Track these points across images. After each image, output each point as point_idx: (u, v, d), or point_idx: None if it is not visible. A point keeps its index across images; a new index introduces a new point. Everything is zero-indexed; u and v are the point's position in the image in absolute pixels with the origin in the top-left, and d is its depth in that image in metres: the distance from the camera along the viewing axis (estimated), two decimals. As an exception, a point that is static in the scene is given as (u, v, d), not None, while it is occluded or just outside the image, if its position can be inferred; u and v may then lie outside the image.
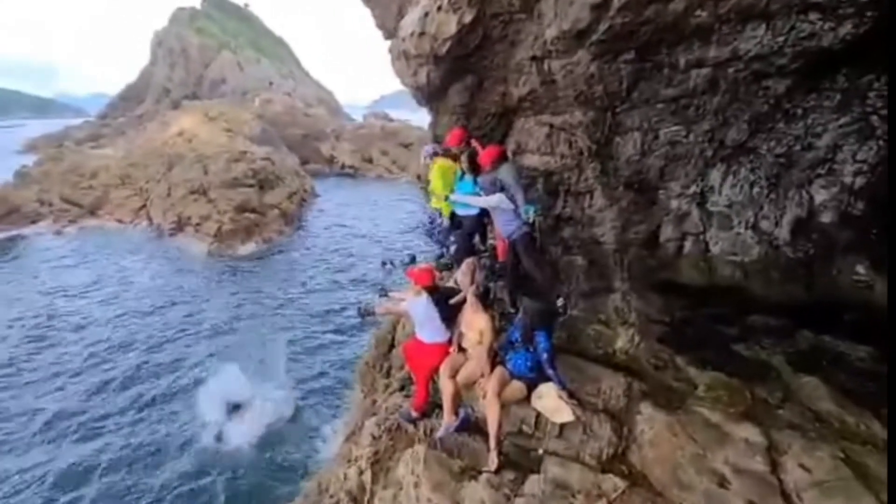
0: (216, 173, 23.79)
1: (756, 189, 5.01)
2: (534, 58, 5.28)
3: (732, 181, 5.14)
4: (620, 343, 5.20)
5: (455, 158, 6.12)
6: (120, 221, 23.46)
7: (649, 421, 3.97)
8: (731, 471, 3.50)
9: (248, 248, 21.18)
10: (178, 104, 42.28)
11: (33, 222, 22.89)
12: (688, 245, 5.57)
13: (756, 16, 3.91)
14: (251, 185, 23.92)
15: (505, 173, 5.43)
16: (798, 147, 4.66)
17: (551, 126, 5.98)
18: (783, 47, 4.04)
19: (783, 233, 4.93)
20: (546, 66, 5.23)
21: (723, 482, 3.48)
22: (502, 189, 5.33)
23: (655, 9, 4.03)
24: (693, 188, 5.38)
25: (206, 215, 22.00)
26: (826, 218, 4.63)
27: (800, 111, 4.51)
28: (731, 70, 4.46)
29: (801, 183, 4.79)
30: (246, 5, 73.79)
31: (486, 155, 5.54)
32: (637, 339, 5.17)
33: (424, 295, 4.62)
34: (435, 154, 6.36)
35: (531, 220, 5.39)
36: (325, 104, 59.76)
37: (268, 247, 21.58)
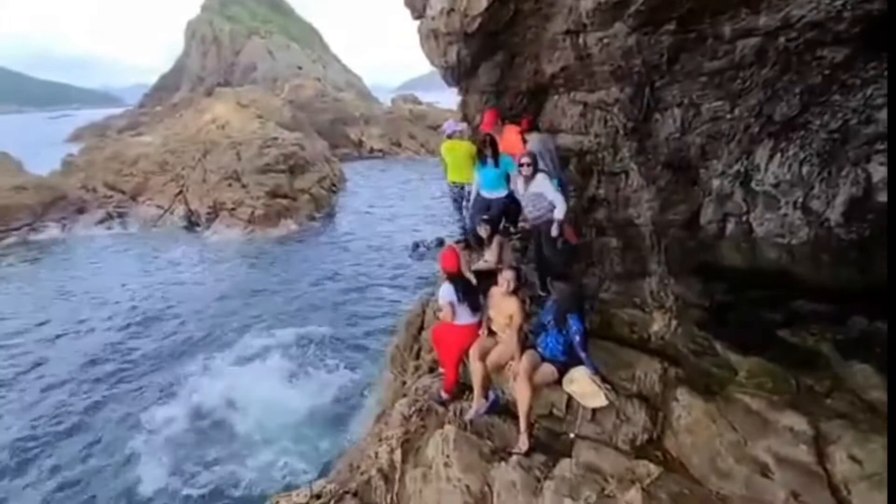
0: (249, 159, 24.29)
1: (806, 167, 4.72)
2: (568, 32, 5.09)
3: (780, 159, 4.86)
4: (656, 327, 5.05)
5: (483, 144, 5.97)
6: (159, 207, 24.31)
7: (686, 407, 3.85)
8: (774, 460, 3.37)
9: (280, 232, 21.61)
10: (212, 91, 43.22)
11: (79, 210, 24.01)
12: (730, 226, 5.34)
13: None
14: (282, 171, 24.30)
15: (535, 145, 5.31)
16: (855, 121, 4.35)
17: (585, 104, 5.78)
18: (841, 12, 3.74)
19: (835, 213, 4.65)
20: (581, 41, 5.03)
21: (765, 471, 3.36)
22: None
23: (700, -26, 3.78)
24: (737, 167, 5.14)
25: (240, 200, 22.56)
26: (884, 196, 4.33)
27: (858, 82, 4.19)
28: (782, 39, 4.17)
29: (857, 160, 4.48)
30: (275, -10, 74.21)
31: (524, 123, 5.41)
32: (674, 323, 5.01)
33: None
34: (453, 134, 6.28)
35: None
36: (355, 88, 59.88)
37: (299, 232, 21.97)
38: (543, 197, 5.06)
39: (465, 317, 4.58)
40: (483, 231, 5.37)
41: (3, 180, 22.83)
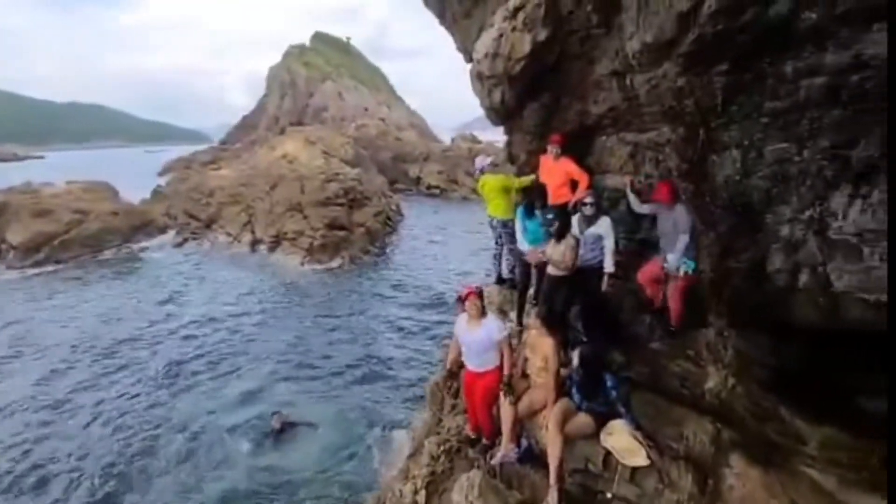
0: (311, 192, 25.73)
1: (896, 215, 4.21)
2: (614, 73, 5.02)
3: (861, 205, 4.33)
4: (711, 384, 4.61)
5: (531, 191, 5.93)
6: (229, 234, 26.20)
7: (741, 476, 3.42)
8: (848, 550, 2.89)
9: (334, 263, 22.38)
10: (284, 130, 46.78)
11: (161, 233, 26.47)
12: (803, 278, 4.77)
13: (885, 15, 3.35)
14: (341, 204, 25.48)
15: (686, 217, 5.09)
16: (954, 163, 3.86)
17: (635, 144, 5.62)
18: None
19: (932, 267, 4.07)
20: (628, 82, 4.94)
21: (835, 562, 2.88)
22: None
23: (754, 12, 3.61)
24: (809, 212, 4.63)
25: (300, 231, 23.77)
26: None
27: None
28: (855, 77, 3.84)
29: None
30: (348, 39, 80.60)
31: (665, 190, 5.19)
32: (731, 381, 4.55)
33: (484, 320, 4.31)
34: (483, 169, 6.49)
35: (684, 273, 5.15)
36: (416, 127, 62.58)
37: (351, 264, 22.63)
38: (601, 240, 4.99)
39: (488, 361, 4.36)
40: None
41: (101, 205, 25.79)
